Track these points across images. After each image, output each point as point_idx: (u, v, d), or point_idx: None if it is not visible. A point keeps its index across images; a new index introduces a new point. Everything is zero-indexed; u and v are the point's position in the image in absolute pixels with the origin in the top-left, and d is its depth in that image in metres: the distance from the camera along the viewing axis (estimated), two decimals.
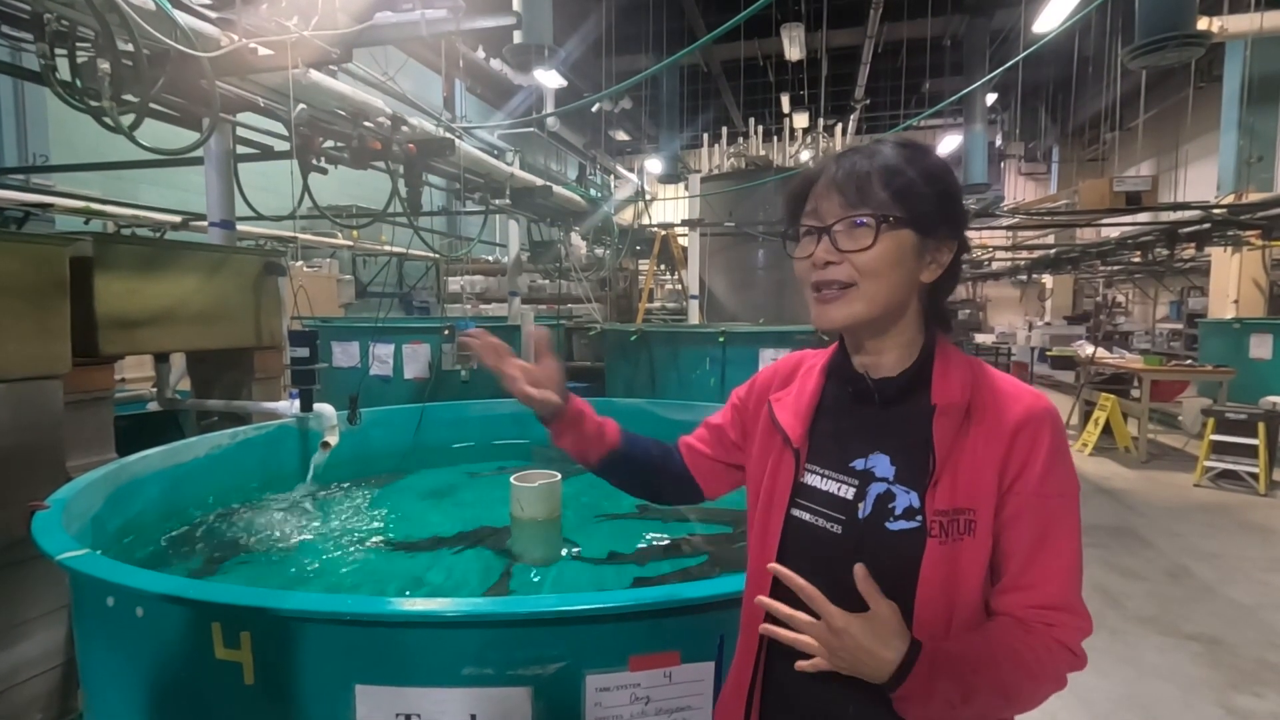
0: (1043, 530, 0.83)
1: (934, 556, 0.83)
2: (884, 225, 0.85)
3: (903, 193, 0.86)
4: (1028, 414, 0.84)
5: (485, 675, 1.20)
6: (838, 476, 0.93)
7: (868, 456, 0.91)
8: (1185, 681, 3.00)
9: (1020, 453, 0.83)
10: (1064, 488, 0.84)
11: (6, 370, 2.12)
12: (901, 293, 0.89)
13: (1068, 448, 0.87)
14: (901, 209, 0.86)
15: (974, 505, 0.83)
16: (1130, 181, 8.19)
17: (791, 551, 0.94)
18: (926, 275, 0.89)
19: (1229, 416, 6.06)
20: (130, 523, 2.24)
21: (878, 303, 0.87)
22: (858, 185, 0.87)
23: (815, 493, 0.94)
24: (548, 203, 5.77)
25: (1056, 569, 0.83)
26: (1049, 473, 0.83)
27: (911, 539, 0.85)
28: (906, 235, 0.87)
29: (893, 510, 0.87)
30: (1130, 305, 17.04)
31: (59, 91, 2.43)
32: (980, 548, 0.83)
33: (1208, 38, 5.57)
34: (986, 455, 0.84)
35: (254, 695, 1.24)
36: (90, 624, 1.46)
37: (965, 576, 0.83)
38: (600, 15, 10.79)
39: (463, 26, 2.91)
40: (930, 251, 0.89)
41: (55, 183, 6.12)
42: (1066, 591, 0.83)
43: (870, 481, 0.90)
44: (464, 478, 3.49)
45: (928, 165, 0.89)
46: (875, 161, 0.88)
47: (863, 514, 0.89)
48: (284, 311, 3.42)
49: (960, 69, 13.93)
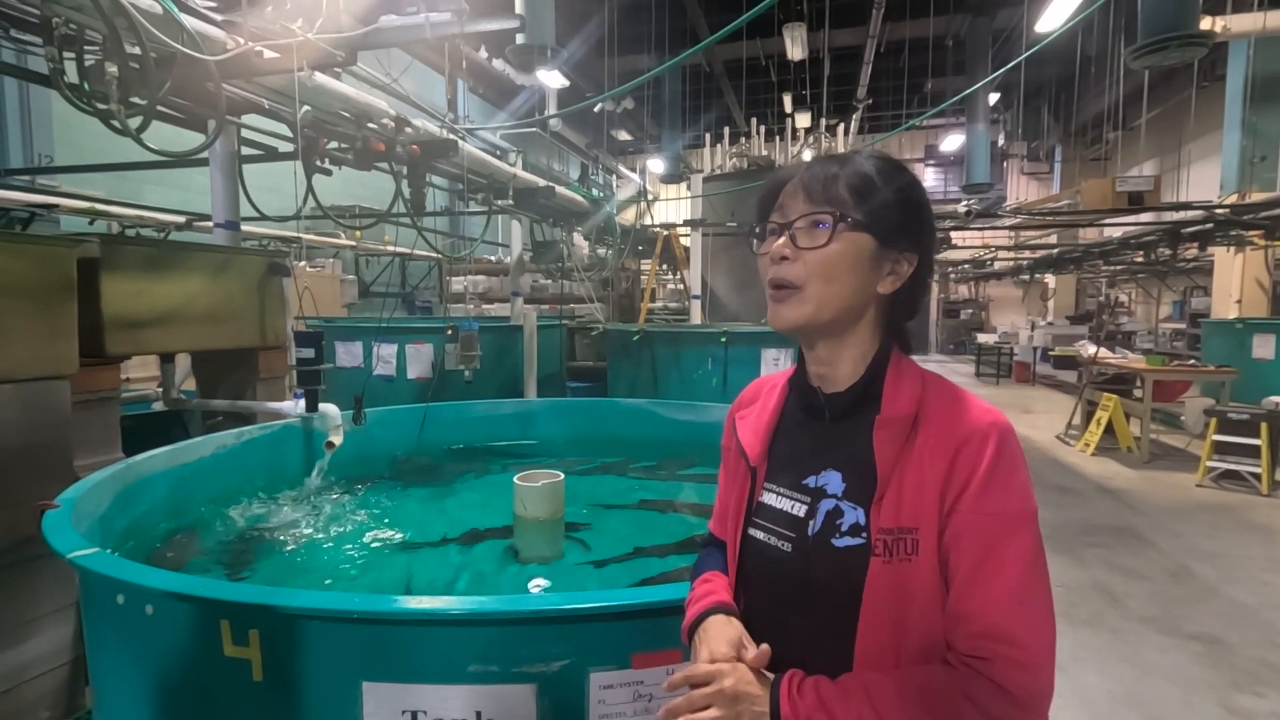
0: (983, 552, 0.77)
1: (878, 575, 0.79)
2: (841, 225, 0.85)
3: (865, 196, 0.86)
4: (971, 429, 0.81)
5: (490, 672, 1.21)
6: (792, 494, 0.91)
7: (820, 473, 0.89)
8: (1186, 681, 3.01)
9: (963, 469, 0.79)
10: (1008, 505, 0.78)
11: (14, 371, 2.14)
12: (855, 299, 0.87)
13: (1018, 464, 0.81)
14: (862, 212, 0.85)
15: (918, 524, 0.79)
16: (1133, 181, 8.17)
17: (749, 571, 0.93)
18: (884, 286, 0.87)
19: (1231, 416, 6.06)
20: (137, 522, 2.26)
21: (828, 305, 0.86)
22: (823, 185, 0.87)
23: (771, 511, 0.92)
24: (550, 203, 5.79)
25: (994, 596, 0.75)
26: (989, 489, 0.78)
27: (856, 556, 0.81)
28: (865, 239, 0.85)
29: (839, 527, 0.84)
30: (1133, 305, 17.01)
31: (67, 94, 2.45)
32: (927, 571, 0.78)
33: (1210, 37, 5.57)
34: (931, 472, 0.80)
35: (262, 692, 1.25)
36: (100, 622, 1.48)
37: (914, 601, 0.78)
38: (603, 16, 10.80)
39: (467, 29, 2.93)
40: (890, 261, 0.87)
41: (60, 183, 6.15)
42: (1006, 620, 0.75)
43: (821, 498, 0.88)
44: (468, 476, 3.51)
45: (897, 177, 0.88)
46: (845, 167, 0.88)
47: (812, 531, 0.87)
48: (288, 312, 3.44)
49: (963, 68, 13.93)
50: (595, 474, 3.57)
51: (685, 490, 3.28)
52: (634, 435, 3.77)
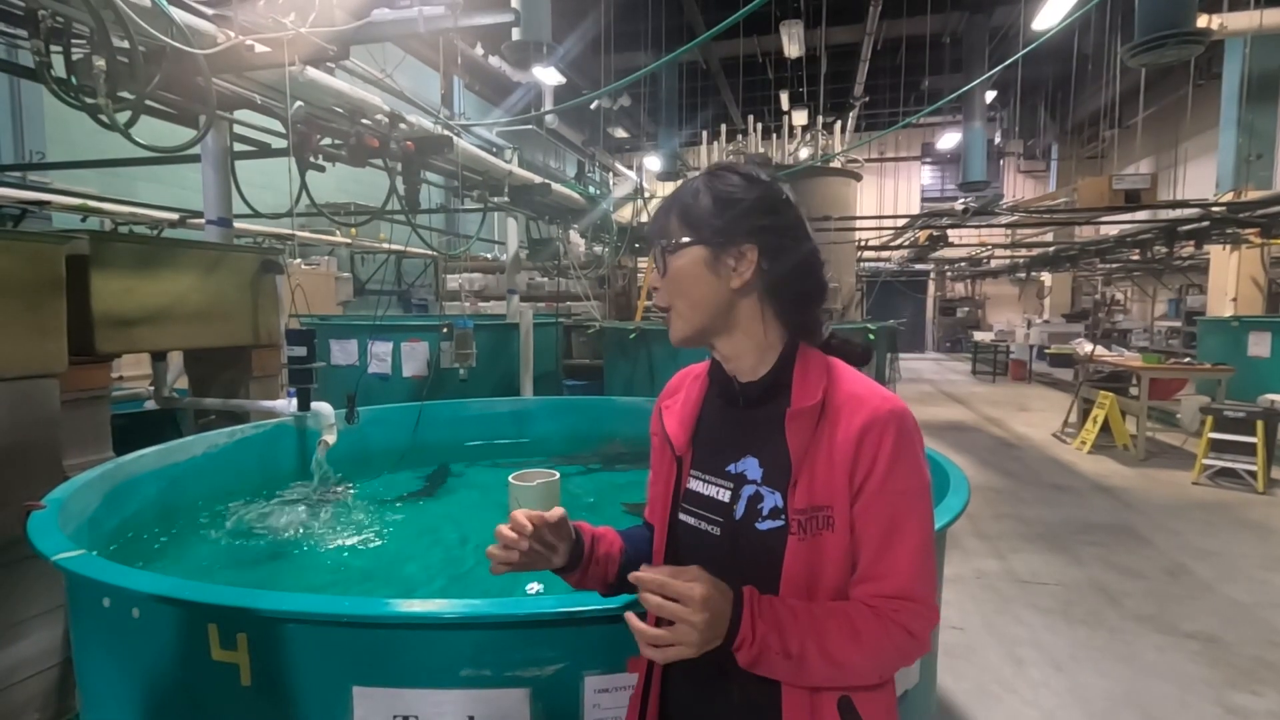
0: (889, 525, 0.88)
1: (795, 552, 0.89)
2: (668, 251, 0.96)
3: (684, 216, 0.96)
4: (873, 417, 0.89)
5: (483, 677, 1.19)
6: (716, 480, 0.98)
7: (740, 460, 0.97)
8: (1183, 680, 3.00)
9: (867, 453, 0.88)
10: (908, 485, 0.89)
11: (2, 369, 2.11)
12: (712, 304, 0.95)
13: (916, 446, 0.91)
14: (685, 231, 0.95)
15: (830, 502, 0.88)
16: (1129, 179, 8.18)
17: (682, 556, 1.00)
18: (734, 281, 0.94)
19: (1227, 414, 6.06)
20: (127, 522, 2.23)
21: (693, 318, 0.96)
22: (658, 223, 1.00)
23: (698, 497, 0.99)
24: (546, 200, 5.76)
25: (903, 561, 0.88)
26: (892, 470, 0.88)
27: (777, 537, 0.90)
28: (695, 252, 0.94)
29: (761, 511, 0.92)
30: (1129, 303, 17.05)
31: (54, 89, 2.41)
32: (840, 541, 0.89)
33: (1207, 35, 5.56)
34: (840, 455, 0.89)
35: (251, 696, 1.23)
36: (87, 625, 1.45)
37: (825, 567, 0.89)
38: (599, 12, 10.76)
39: (461, 23, 2.90)
40: (730, 258, 0.94)
41: (52, 180, 6.10)
42: (913, 582, 0.88)
43: (743, 484, 0.95)
44: (463, 475, 3.48)
45: (711, 184, 0.96)
46: (668, 200, 1.00)
47: (737, 515, 0.94)
48: (282, 309, 3.41)
49: (960, 66, 13.91)
50: (592, 473, 3.55)
51: None
52: (631, 433, 3.75)
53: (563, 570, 1.02)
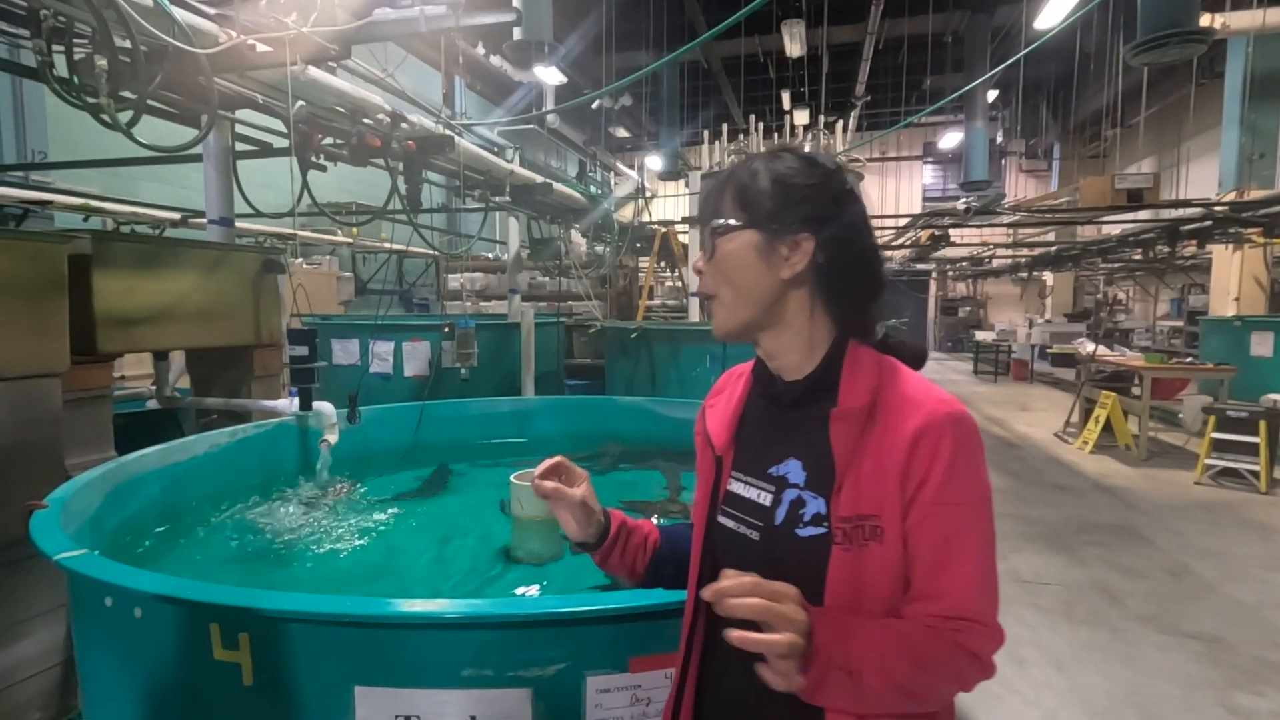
0: (947, 539, 0.81)
1: (839, 563, 0.82)
2: (720, 233, 0.91)
3: (739, 197, 0.90)
4: (928, 421, 0.82)
5: (485, 677, 1.19)
6: (757, 483, 0.93)
7: (782, 462, 0.92)
8: (1186, 680, 3.00)
9: (921, 461, 0.81)
10: (968, 495, 0.82)
11: (4, 368, 2.11)
12: (760, 294, 0.90)
13: (976, 453, 0.84)
14: (740, 214, 0.90)
15: (878, 511, 0.82)
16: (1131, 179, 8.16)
17: (720, 557, 0.95)
18: (785, 272, 0.89)
19: (1230, 414, 6.05)
20: (129, 522, 2.24)
21: (738, 308, 0.91)
22: (709, 203, 0.94)
23: (738, 499, 0.95)
24: (548, 200, 5.76)
25: (963, 578, 0.82)
26: (949, 480, 0.81)
27: (819, 545, 0.84)
28: (748, 236, 0.89)
29: (802, 516, 0.87)
30: (1131, 303, 17.02)
31: (56, 88, 2.42)
32: (889, 555, 0.82)
33: (1210, 34, 5.55)
34: (889, 461, 0.82)
35: (253, 696, 1.23)
36: (88, 624, 1.45)
37: (873, 583, 0.82)
38: (600, 12, 10.75)
39: (462, 23, 2.90)
40: (784, 247, 0.88)
41: (54, 179, 6.11)
42: (974, 601, 0.82)
43: (785, 488, 0.90)
44: (464, 475, 3.48)
45: (771, 166, 0.91)
46: (722, 178, 0.94)
47: (778, 520, 0.89)
48: (283, 309, 3.41)
49: (961, 66, 13.89)
50: (593, 472, 3.55)
51: (686, 488, 3.26)
52: (632, 433, 3.75)
53: (586, 546, 1.06)
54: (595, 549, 1.06)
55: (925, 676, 0.79)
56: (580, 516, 1.04)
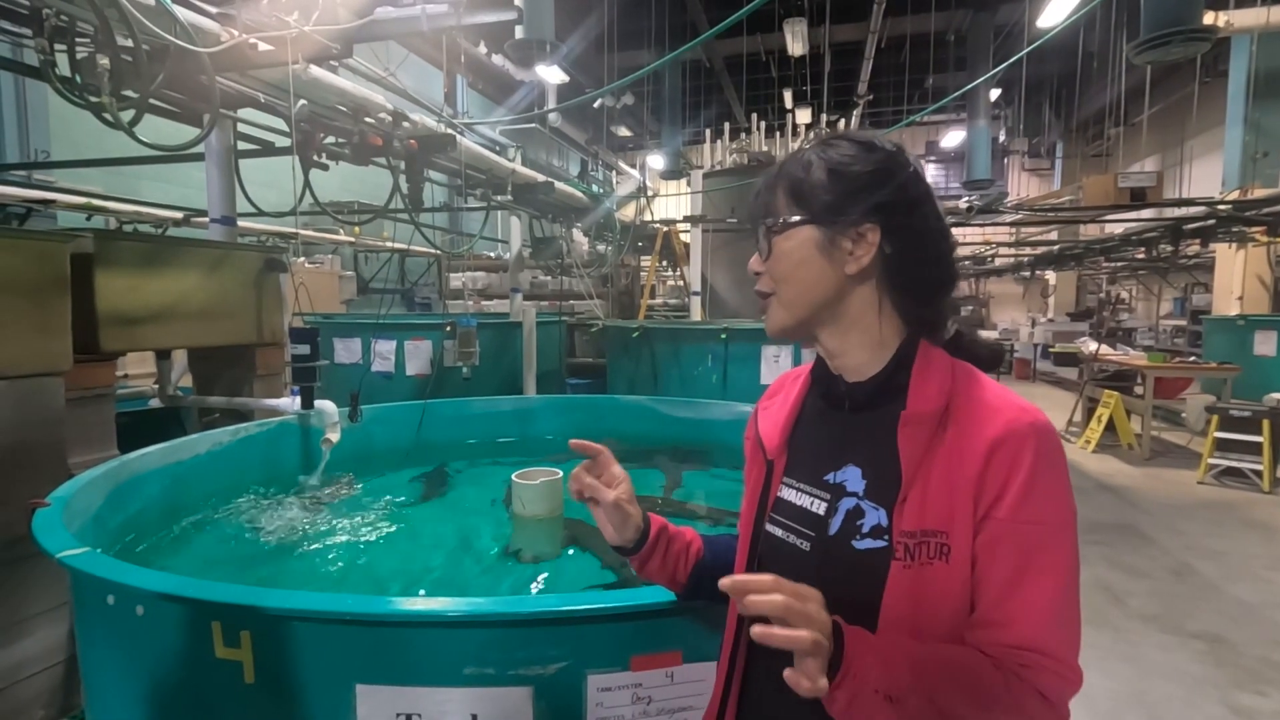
0: (1022, 562, 0.73)
1: (897, 580, 0.75)
2: (774, 231, 0.86)
3: (794, 191, 0.85)
4: (1008, 430, 0.75)
5: (486, 675, 1.19)
6: (811, 490, 0.87)
7: (840, 469, 0.85)
8: (1188, 680, 2.99)
9: (997, 474, 0.74)
10: (1048, 515, 0.75)
11: (8, 367, 2.12)
12: (821, 291, 0.84)
13: (1059, 468, 0.78)
14: (796, 209, 0.84)
15: (946, 528, 0.75)
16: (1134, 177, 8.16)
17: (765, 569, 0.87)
18: (850, 266, 0.83)
19: (1233, 413, 6.04)
20: (131, 520, 2.24)
21: (796, 306, 0.86)
22: (761, 199, 0.89)
23: (789, 507, 0.89)
24: (549, 199, 5.76)
25: (1035, 606, 0.73)
26: (1028, 497, 0.74)
27: (877, 559, 0.78)
28: (806, 232, 0.84)
29: (860, 528, 0.81)
30: (1134, 302, 16.98)
31: (58, 87, 2.42)
32: (955, 576, 0.74)
33: (1213, 32, 5.53)
34: (961, 474, 0.75)
35: (254, 694, 1.23)
36: (91, 622, 1.46)
37: (935, 606, 0.75)
38: (602, 10, 10.75)
39: (464, 21, 2.90)
40: (847, 240, 0.83)
41: (57, 179, 6.12)
42: (1046, 632, 0.73)
43: (841, 496, 0.84)
44: (466, 474, 3.49)
45: (825, 154, 0.85)
46: (773, 172, 0.89)
47: (832, 531, 0.83)
48: (285, 308, 3.42)
49: (964, 64, 13.87)
50: None
51: (686, 488, 3.26)
52: (634, 432, 3.75)
53: (624, 550, 1.00)
54: (633, 553, 1.00)
55: (978, 709, 0.70)
56: (616, 519, 0.97)
